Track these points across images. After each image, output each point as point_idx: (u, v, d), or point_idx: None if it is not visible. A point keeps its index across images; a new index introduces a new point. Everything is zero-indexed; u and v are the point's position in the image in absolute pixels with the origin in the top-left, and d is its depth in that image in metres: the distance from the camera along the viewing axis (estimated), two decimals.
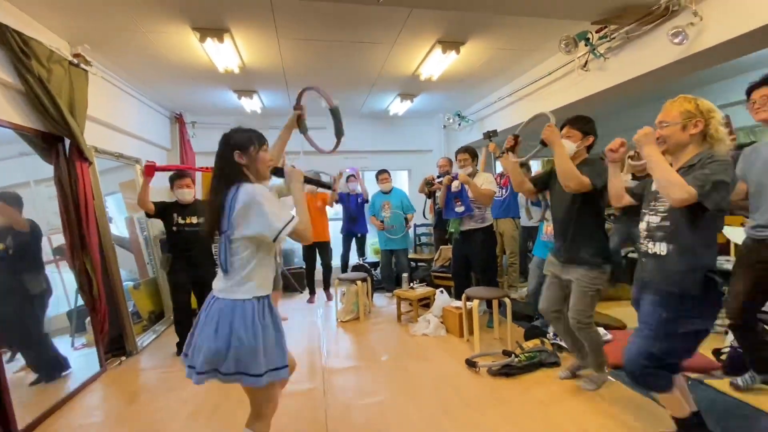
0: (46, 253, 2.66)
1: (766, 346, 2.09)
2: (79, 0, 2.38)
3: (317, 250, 4.68)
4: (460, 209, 3.42)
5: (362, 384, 2.53)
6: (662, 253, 1.56)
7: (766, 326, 2.40)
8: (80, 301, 2.83)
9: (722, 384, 2.25)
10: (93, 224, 2.87)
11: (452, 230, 3.51)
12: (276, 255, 1.57)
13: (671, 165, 1.56)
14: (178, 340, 3.18)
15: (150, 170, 3.04)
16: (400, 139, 6.00)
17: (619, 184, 1.81)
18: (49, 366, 2.49)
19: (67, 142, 2.74)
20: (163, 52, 3.17)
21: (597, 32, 2.74)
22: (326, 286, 4.81)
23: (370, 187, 5.07)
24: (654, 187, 1.66)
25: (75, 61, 2.73)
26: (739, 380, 2.16)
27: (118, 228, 3.73)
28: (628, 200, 1.82)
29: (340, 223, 5.04)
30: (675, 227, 1.53)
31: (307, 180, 1.60)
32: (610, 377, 2.37)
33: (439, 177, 4.70)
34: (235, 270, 1.37)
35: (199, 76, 3.74)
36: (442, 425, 2.01)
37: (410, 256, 5.15)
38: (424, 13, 2.66)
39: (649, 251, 1.62)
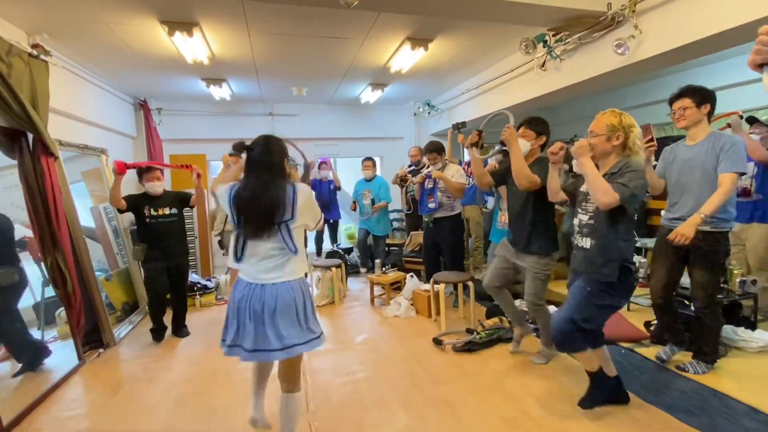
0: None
1: (679, 320, 2.46)
2: None
3: None
4: (432, 205, 3.63)
5: (339, 364, 2.73)
6: (587, 247, 1.86)
7: (684, 301, 2.80)
8: (47, 294, 2.83)
9: (650, 352, 2.62)
10: (63, 220, 2.84)
11: (426, 219, 3.74)
12: None
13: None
14: (153, 326, 3.25)
15: (121, 168, 3.00)
16: (372, 127, 6.09)
17: (555, 182, 2.08)
18: (30, 354, 2.55)
19: (31, 136, 2.68)
20: (127, 42, 3.09)
21: (553, 35, 2.93)
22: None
23: (348, 173, 5.16)
24: (584, 189, 1.93)
25: (34, 52, 2.63)
26: (662, 353, 2.50)
27: (83, 219, 3.66)
28: (562, 196, 2.11)
29: None
30: (598, 225, 1.81)
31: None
32: (558, 352, 2.70)
33: (410, 166, 4.87)
34: (295, 252, 1.66)
35: (166, 65, 3.66)
36: (411, 397, 2.25)
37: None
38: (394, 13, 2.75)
39: (578, 245, 1.91)
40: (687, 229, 2.03)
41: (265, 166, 1.64)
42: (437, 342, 2.92)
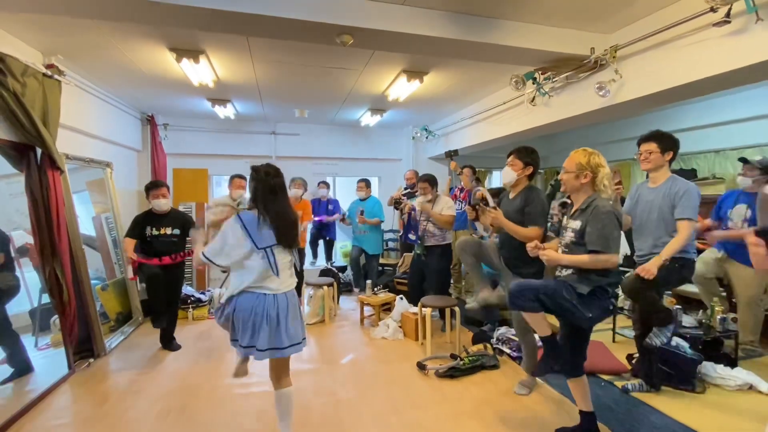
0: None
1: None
2: (54, 19, 2.45)
3: None
4: (413, 237, 3.80)
5: (321, 385, 2.76)
6: (566, 275, 1.94)
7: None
8: (44, 300, 2.90)
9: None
10: (64, 232, 2.94)
11: (418, 251, 3.82)
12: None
13: (572, 203, 1.97)
14: (148, 339, 3.31)
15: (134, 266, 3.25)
16: (371, 148, 6.25)
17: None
18: (19, 366, 2.60)
19: (39, 150, 2.81)
20: (137, 65, 3.26)
21: (542, 74, 3.08)
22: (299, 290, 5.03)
23: (346, 192, 5.25)
24: (564, 223, 2.03)
25: (48, 72, 2.79)
26: (629, 385, 2.57)
27: (84, 227, 3.77)
28: None
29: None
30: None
31: None
32: (539, 380, 2.73)
33: (406, 189, 4.98)
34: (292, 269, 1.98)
35: (173, 86, 3.83)
36: (389, 422, 2.29)
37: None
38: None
39: (561, 274, 1.98)
40: (652, 266, 2.12)
41: (280, 188, 1.92)
42: (421, 367, 2.96)
